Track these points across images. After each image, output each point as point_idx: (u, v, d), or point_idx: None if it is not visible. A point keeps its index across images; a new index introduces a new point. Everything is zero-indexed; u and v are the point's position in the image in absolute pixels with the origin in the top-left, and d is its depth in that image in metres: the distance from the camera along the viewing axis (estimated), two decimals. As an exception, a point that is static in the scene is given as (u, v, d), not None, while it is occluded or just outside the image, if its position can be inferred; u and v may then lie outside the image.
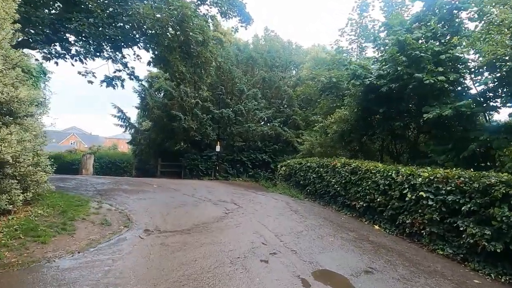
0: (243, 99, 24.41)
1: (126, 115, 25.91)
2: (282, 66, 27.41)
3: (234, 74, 24.61)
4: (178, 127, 23.25)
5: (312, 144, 17.91)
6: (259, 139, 24.59)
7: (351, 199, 10.21)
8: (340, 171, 10.96)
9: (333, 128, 13.24)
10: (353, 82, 12.07)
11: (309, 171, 13.35)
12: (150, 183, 15.16)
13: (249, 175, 24.30)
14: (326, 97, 16.10)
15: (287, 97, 25.23)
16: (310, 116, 20.86)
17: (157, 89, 27.14)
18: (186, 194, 12.93)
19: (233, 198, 12.70)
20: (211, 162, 24.15)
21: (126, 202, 10.83)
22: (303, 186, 13.91)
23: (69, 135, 66.27)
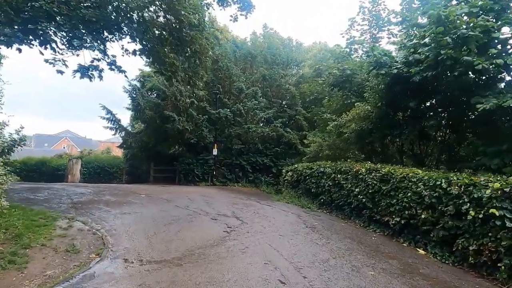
0: (242, 98, 22.38)
1: (116, 117, 23.71)
2: (283, 63, 25.40)
3: (232, 71, 22.58)
4: (172, 129, 21.15)
5: (320, 146, 15.89)
6: (259, 141, 22.55)
7: (382, 213, 8.19)
8: (365, 178, 8.94)
9: (350, 126, 11.19)
10: (375, 72, 10.07)
11: (322, 178, 11.31)
12: (138, 192, 13.05)
13: (249, 180, 22.24)
14: (338, 92, 14.10)
15: (289, 96, 23.22)
16: (316, 115, 18.85)
17: (149, 89, 24.97)
18: (179, 206, 10.85)
19: (234, 210, 10.64)
20: (207, 167, 22.06)
21: (105, 219, 8.75)
22: (315, 195, 11.89)
23: (61, 139, 63.91)
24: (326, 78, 14.64)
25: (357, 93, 12.99)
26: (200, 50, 11.73)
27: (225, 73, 22.63)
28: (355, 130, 11.09)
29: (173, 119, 20.88)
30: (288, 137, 22.22)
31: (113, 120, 23.76)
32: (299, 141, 22.30)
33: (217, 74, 22.77)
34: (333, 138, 15.63)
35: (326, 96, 18.53)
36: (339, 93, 14.20)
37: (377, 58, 9.96)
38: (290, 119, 23.47)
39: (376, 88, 10.51)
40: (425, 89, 9.41)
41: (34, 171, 23.70)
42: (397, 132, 10.37)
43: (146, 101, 22.97)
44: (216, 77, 22.84)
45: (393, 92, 9.94)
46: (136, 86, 24.17)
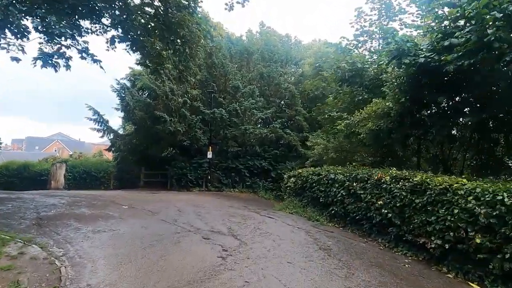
0: (238, 98, 20.70)
1: (104, 118, 21.92)
2: (281, 61, 23.73)
3: (227, 69, 20.89)
4: (163, 131, 19.42)
5: (325, 149, 14.25)
6: (257, 143, 20.87)
7: (415, 233, 6.51)
8: (390, 188, 7.27)
9: (367, 125, 9.50)
10: (397, 62, 8.45)
11: (333, 186, 9.62)
12: (120, 203, 11.28)
13: (246, 185, 20.53)
14: (346, 88, 12.48)
15: (288, 95, 21.56)
16: (320, 115, 17.21)
17: (140, 88, 23.16)
18: (166, 220, 9.11)
19: (231, 225, 8.92)
20: (202, 171, 20.33)
21: (71, 240, 7.01)
22: (325, 206, 10.20)
23: (53, 142, 61.78)
24: (333, 72, 12.97)
25: (369, 88, 11.36)
26: (190, 37, 10.04)
27: (220, 71, 20.94)
28: (372, 130, 9.40)
29: (164, 120, 19.16)
30: (287, 139, 20.57)
31: (101, 122, 21.98)
32: (299, 143, 20.65)
33: (211, 72, 21.07)
34: (339, 139, 14.03)
35: (331, 93, 16.93)
36: (347, 89, 12.57)
37: (399, 46, 8.32)
38: (290, 120, 21.82)
39: (397, 81, 8.85)
40: (458, 81, 7.79)
41: (15, 177, 21.86)
42: (421, 132, 8.73)
43: (135, 101, 21.23)
44: (210, 74, 21.15)
45: (418, 85, 8.29)
46: (125, 85, 22.40)
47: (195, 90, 21.04)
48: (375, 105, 9.58)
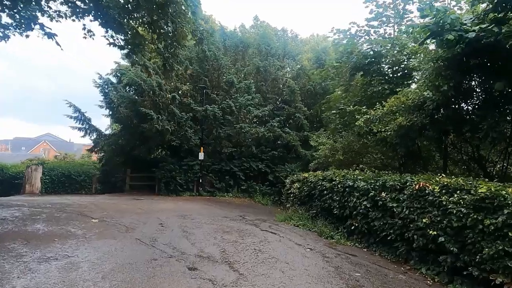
0: (233, 94, 18.69)
1: (86, 116, 19.78)
2: (278, 55, 21.73)
3: (221, 62, 18.88)
4: (150, 129, 17.33)
5: (332, 149, 12.35)
6: (253, 144, 18.87)
7: (486, 267, 4.58)
8: (440, 202, 5.33)
9: (397, 120, 7.51)
10: (437, 40, 6.56)
11: (352, 195, 7.66)
12: (91, 215, 9.19)
13: (241, 189, 18.52)
14: (359, 79, 10.59)
15: (287, 91, 19.56)
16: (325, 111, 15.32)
17: (126, 84, 21.02)
18: (143, 239, 7.08)
19: (224, 246, 6.92)
20: (192, 174, 18.27)
21: (2, 276, 4.96)
22: (340, 219, 8.25)
23: (40, 143, 59.13)
24: (345, 59, 11.03)
25: (389, 78, 9.46)
26: (174, 9, 8.03)
27: (213, 64, 18.92)
28: (402, 126, 7.44)
29: (151, 118, 17.07)
30: (286, 139, 18.60)
31: (82, 120, 19.84)
32: (299, 143, 18.70)
33: (203, 66, 19.04)
34: (348, 138, 12.14)
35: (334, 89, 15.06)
36: (360, 79, 10.67)
37: (439, 19, 6.42)
38: (289, 118, 19.85)
39: (436, 65, 6.93)
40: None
41: None
42: (468, 128, 6.82)
43: (120, 97, 19.14)
44: (202, 68, 19.11)
45: (465, 68, 6.41)
46: (108, 80, 20.30)
47: (185, 86, 19.01)
48: (405, 95, 7.65)
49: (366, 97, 10.67)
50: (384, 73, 9.66)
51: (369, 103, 10.22)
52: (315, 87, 19.47)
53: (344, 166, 13.44)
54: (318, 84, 19.36)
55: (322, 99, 19.55)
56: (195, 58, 19.55)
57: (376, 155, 13.10)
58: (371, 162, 13.53)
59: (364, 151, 12.97)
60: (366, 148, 12.75)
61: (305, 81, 20.16)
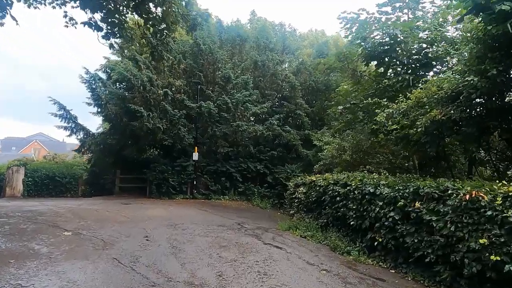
0: (229, 90, 17.32)
1: (71, 114, 18.27)
2: (277, 50, 20.39)
3: (217, 56, 17.51)
4: (140, 128, 15.94)
5: (340, 149, 11.06)
6: (251, 143, 17.50)
7: None
8: (505, 218, 4.04)
9: (430, 114, 6.15)
10: (483, 16, 5.29)
11: (374, 203, 6.34)
12: (63, 226, 7.78)
13: (238, 191, 17.17)
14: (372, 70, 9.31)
15: (287, 87, 18.25)
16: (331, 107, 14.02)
17: (116, 81, 19.58)
18: (120, 259, 5.71)
19: (221, 267, 5.58)
20: (186, 175, 16.89)
21: None
22: (357, 231, 6.94)
23: (31, 142, 57.24)
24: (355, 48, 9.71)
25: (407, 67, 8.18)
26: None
27: (208, 58, 17.53)
28: (434, 121, 6.10)
29: (141, 115, 15.69)
30: (286, 138, 17.28)
31: (68, 118, 18.31)
32: (300, 142, 17.39)
33: (198, 60, 17.66)
34: (356, 137, 10.87)
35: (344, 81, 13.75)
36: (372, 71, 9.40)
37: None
38: (288, 116, 18.54)
39: (480, 45, 5.63)
40: None
41: None
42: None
43: (109, 93, 17.73)
44: (196, 63, 17.73)
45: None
46: (96, 75, 18.80)
47: (178, 81, 17.61)
48: (436, 84, 6.33)
49: (380, 90, 9.38)
50: (402, 62, 8.37)
51: (382, 97, 8.96)
52: (317, 83, 18.16)
53: (350, 167, 12.19)
54: (320, 80, 18.04)
55: (324, 95, 18.31)
56: (189, 52, 18.18)
57: (386, 156, 11.87)
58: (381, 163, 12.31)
59: (373, 151, 11.74)
60: (375, 147, 11.52)
61: (305, 76, 18.86)
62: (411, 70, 8.33)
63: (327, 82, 17.63)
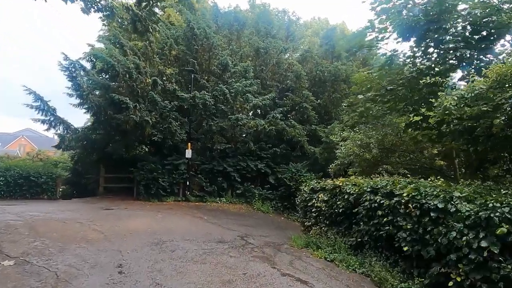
0: (227, 79, 15.23)
1: (49, 106, 15.97)
2: (280, 37, 18.31)
3: (213, 41, 15.38)
4: (126, 121, 13.84)
5: (362, 146, 9.08)
6: (251, 139, 15.45)
7: None
8: None
9: None
10: None
11: (445, 225, 4.35)
12: (5, 250, 5.65)
13: (237, 193, 15.14)
14: (417, 45, 7.30)
15: (292, 77, 16.18)
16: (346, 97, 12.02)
17: (101, 70, 17.33)
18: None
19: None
20: (178, 175, 14.78)
21: None
22: (413, 259, 4.92)
23: (18, 138, 54.36)
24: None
25: (466, 40, 6.19)
26: None
27: (203, 44, 15.41)
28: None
29: (127, 107, 13.56)
30: (291, 133, 15.23)
31: (45, 110, 16.01)
32: (306, 138, 15.38)
33: (191, 46, 15.52)
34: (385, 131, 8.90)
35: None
36: (408, 51, 7.38)
37: None
38: (293, 109, 16.50)
39: None
40: None
41: None
42: None
43: (91, 82, 15.56)
44: (189, 49, 15.60)
45: None
46: (77, 62, 16.52)
47: (169, 69, 15.46)
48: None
49: (418, 73, 7.36)
50: (456, 33, 6.38)
51: (415, 86, 7.03)
52: (324, 73, 16.12)
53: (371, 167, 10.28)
54: (327, 70, 16.00)
55: (332, 87, 16.30)
56: (181, 37, 16.02)
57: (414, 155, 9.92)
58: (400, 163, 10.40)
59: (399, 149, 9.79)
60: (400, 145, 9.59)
61: (311, 66, 16.83)
62: (464, 44, 6.36)
63: (336, 72, 15.62)
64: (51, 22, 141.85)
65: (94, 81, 15.25)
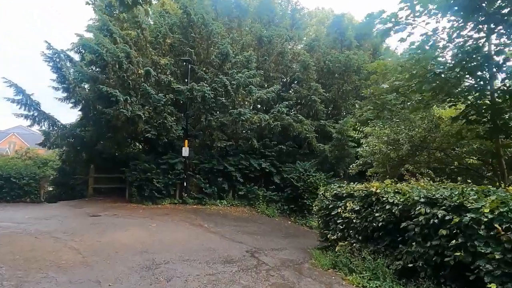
0: (227, 70, 13.74)
1: (32, 99, 14.38)
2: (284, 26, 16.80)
3: (212, 28, 13.88)
4: (116, 116, 12.34)
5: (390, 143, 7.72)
6: (254, 136, 14.00)
7: None
8: None
9: None
10: None
11: None
12: None
13: (239, 195, 13.69)
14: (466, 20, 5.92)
15: (298, 67, 14.72)
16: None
17: (91, 62, 15.71)
18: None
19: None
20: (174, 175, 13.30)
21: None
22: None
23: (8, 135, 52.27)
24: None
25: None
26: None
27: (201, 32, 13.91)
28: None
29: (116, 100, 12.05)
30: (297, 129, 13.78)
31: (28, 104, 14.42)
32: (315, 134, 13.95)
33: (188, 34, 14.01)
34: (417, 124, 7.56)
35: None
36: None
37: None
38: (298, 102, 15.04)
39: None
40: None
41: None
42: None
43: (78, 74, 14.00)
44: (186, 37, 14.09)
45: None
46: (62, 52, 14.90)
47: (163, 59, 13.92)
48: None
49: (469, 51, 5.97)
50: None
51: None
52: (334, 64, 14.62)
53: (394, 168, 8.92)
54: (337, 60, 14.52)
55: (342, 79, 14.86)
56: (177, 24, 14.48)
57: (446, 152, 8.56)
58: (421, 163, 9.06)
59: (430, 146, 8.43)
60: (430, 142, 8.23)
61: (319, 56, 15.36)
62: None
63: (346, 62, 14.17)
64: (51, 22, 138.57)
65: (82, 72, 13.70)
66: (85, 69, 14.16)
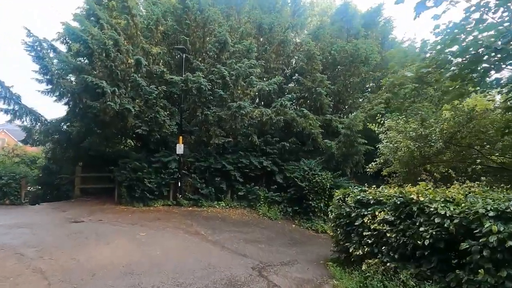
0: (225, 60, 12.51)
1: (12, 92, 13.02)
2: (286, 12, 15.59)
3: (208, 15, 12.62)
4: (103, 110, 11.07)
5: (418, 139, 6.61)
6: (255, 132, 12.79)
7: None
8: None
9: None
10: None
11: None
12: None
13: (238, 196, 12.52)
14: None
15: (302, 57, 13.51)
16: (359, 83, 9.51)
17: (78, 54, 14.37)
18: None
19: None
20: (168, 174, 12.09)
21: None
22: None
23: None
24: None
25: None
26: None
27: (197, 18, 12.64)
28: None
29: (103, 92, 10.79)
30: (302, 124, 12.60)
31: (7, 98, 13.07)
32: (320, 130, 12.79)
33: (183, 20, 12.74)
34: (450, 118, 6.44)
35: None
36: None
37: None
38: (302, 96, 13.86)
39: None
40: None
41: None
42: None
43: (63, 64, 12.69)
44: (180, 24, 12.83)
45: None
46: (45, 40, 13.53)
47: (156, 48, 12.65)
48: None
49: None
50: None
51: None
52: (340, 53, 13.43)
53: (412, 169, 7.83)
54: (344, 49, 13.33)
55: (349, 70, 13.72)
56: (170, 10, 13.21)
57: (478, 148, 7.48)
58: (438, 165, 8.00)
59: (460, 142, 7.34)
60: (464, 137, 7.14)
61: (323, 45, 14.17)
62: None
63: (354, 52, 12.99)
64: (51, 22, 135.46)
65: (66, 63, 12.36)
66: (70, 59, 12.83)
